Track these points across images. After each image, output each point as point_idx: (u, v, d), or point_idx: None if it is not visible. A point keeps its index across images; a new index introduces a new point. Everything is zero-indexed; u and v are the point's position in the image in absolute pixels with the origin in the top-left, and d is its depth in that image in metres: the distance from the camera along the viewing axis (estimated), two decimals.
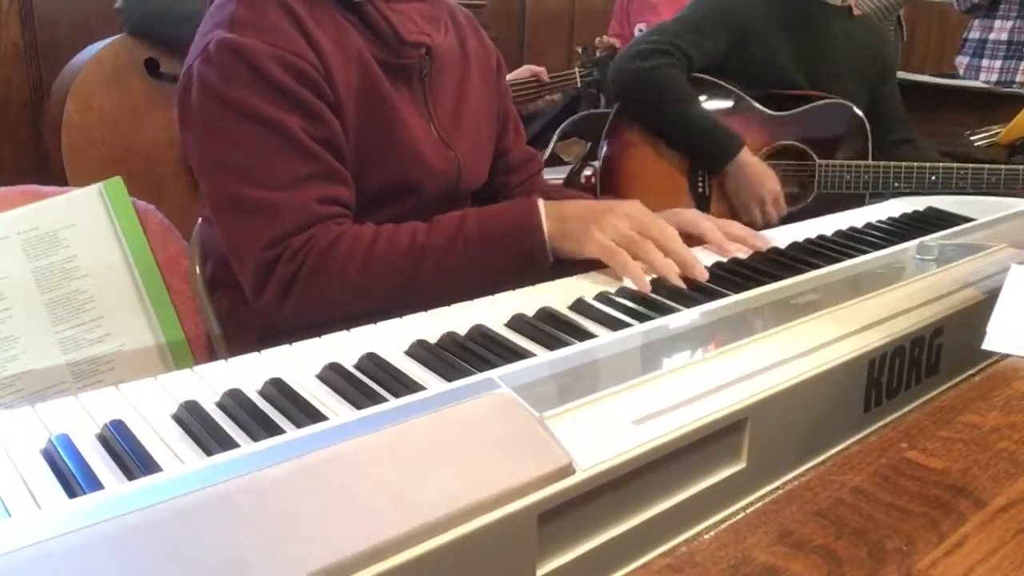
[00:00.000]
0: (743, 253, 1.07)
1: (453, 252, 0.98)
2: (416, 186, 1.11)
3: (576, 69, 2.70)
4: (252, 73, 0.98)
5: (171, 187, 2.02)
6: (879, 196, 1.82)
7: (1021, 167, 1.78)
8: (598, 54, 2.79)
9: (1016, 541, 0.50)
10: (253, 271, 1.00)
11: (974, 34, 3.16)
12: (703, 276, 0.95)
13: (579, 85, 2.70)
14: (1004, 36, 3.05)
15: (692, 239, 1.06)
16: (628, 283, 0.94)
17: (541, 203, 1.00)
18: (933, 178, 1.77)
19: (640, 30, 2.97)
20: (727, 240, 1.08)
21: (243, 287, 1.03)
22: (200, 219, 1.25)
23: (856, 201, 1.82)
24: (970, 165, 1.77)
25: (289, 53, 0.99)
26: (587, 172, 2.06)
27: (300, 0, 1.03)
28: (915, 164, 1.78)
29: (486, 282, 0.97)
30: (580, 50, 2.89)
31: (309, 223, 0.99)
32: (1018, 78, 3.00)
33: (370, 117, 1.07)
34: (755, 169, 1.78)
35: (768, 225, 1.75)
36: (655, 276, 0.95)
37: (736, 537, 0.50)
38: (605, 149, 1.88)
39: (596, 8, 3.56)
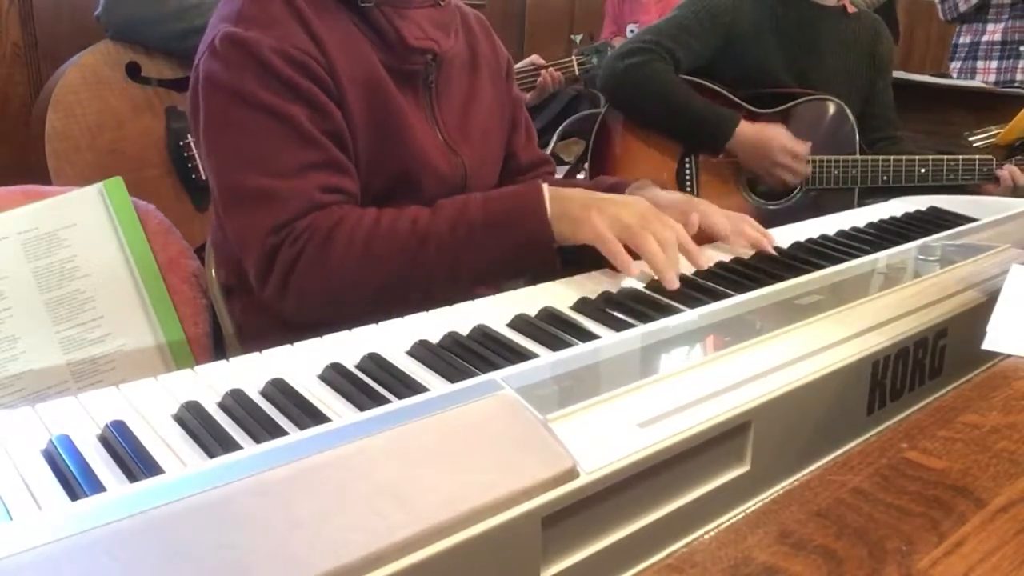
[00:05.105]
0: (747, 251, 1.07)
1: (456, 234, 0.98)
2: (421, 190, 1.11)
3: (573, 57, 2.69)
4: (257, 65, 0.99)
5: (158, 191, 2.00)
6: (871, 193, 1.82)
7: (1013, 159, 1.78)
8: (595, 42, 2.78)
9: (1016, 541, 0.50)
10: (257, 258, 1.00)
11: (964, 39, 3.15)
12: (704, 265, 0.98)
13: (576, 73, 2.69)
14: (998, 37, 3.04)
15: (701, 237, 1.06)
16: (630, 283, 0.94)
17: (545, 185, 1.00)
18: (923, 171, 1.76)
19: (632, 31, 2.97)
20: (738, 236, 1.08)
21: (253, 287, 1.03)
22: (213, 223, 1.25)
23: (846, 196, 1.81)
24: (960, 156, 1.77)
25: (293, 47, 1.00)
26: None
27: (308, 2, 1.04)
28: (903, 157, 1.77)
29: (490, 266, 0.97)
30: (577, 39, 2.88)
31: (311, 209, 0.99)
32: (1018, 76, 2.99)
33: (376, 120, 1.07)
34: (759, 133, 1.75)
35: (803, 178, 1.76)
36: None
37: (736, 537, 0.50)
38: (592, 150, 1.88)
39: (596, 5, 3.56)
